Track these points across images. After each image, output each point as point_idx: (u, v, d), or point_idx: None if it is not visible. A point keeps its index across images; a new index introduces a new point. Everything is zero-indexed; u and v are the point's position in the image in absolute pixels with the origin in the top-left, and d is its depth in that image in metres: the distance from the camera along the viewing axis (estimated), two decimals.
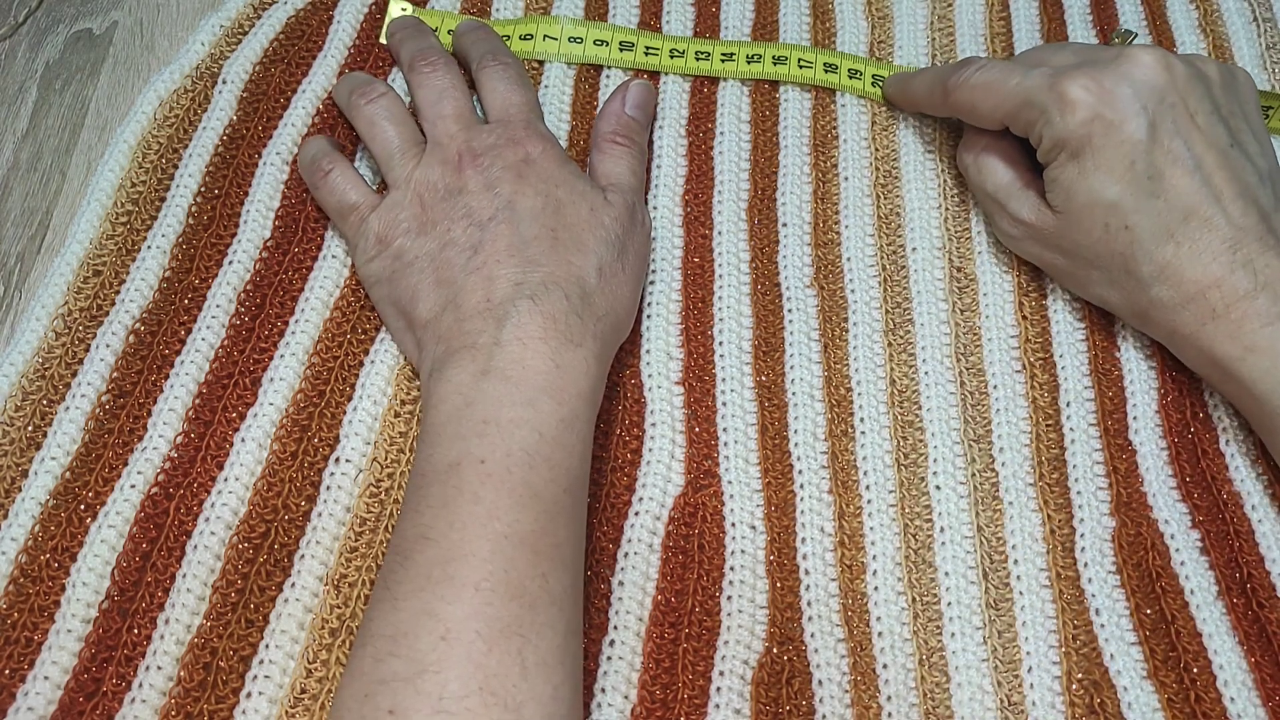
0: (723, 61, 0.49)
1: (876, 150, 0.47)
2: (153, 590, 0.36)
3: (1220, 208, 0.38)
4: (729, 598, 0.37)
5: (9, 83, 0.49)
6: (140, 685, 0.34)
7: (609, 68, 0.49)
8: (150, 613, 0.35)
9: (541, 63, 0.49)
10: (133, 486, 0.37)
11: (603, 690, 0.35)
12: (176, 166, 0.45)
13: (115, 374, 0.40)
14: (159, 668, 0.34)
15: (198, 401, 0.39)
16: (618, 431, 0.40)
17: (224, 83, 0.47)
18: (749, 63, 0.49)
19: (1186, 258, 0.38)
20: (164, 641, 0.35)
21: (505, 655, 0.30)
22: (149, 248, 0.43)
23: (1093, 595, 0.37)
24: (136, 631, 0.35)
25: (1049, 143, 0.40)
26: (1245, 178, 0.39)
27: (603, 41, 0.49)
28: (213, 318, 0.41)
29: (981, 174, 0.43)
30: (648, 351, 0.42)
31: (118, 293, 0.42)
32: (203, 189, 0.44)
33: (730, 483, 0.39)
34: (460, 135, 0.41)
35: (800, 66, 0.48)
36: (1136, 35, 0.45)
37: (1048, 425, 0.41)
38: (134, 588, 0.36)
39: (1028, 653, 0.36)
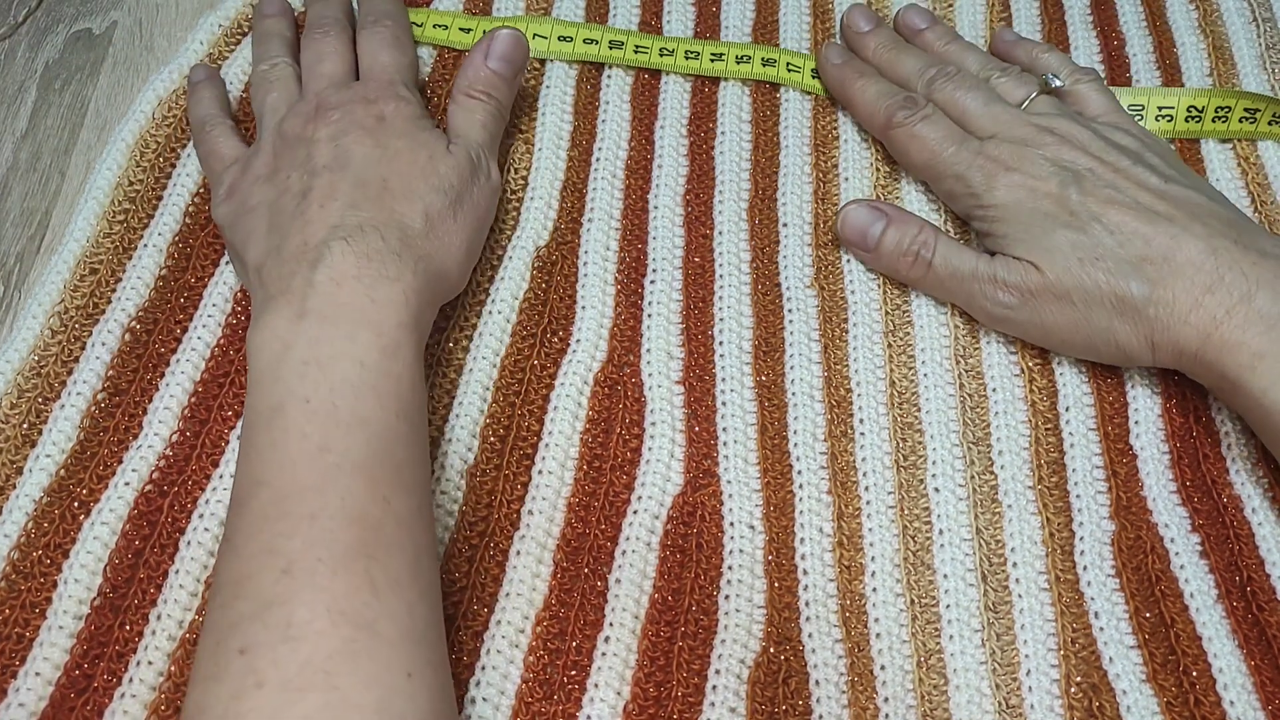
0: (712, 61, 0.49)
1: (877, 150, 0.47)
2: (145, 586, 0.36)
3: (1179, 226, 0.38)
4: (726, 597, 0.36)
5: (9, 83, 0.49)
6: (131, 680, 0.34)
7: (610, 67, 0.49)
8: (142, 609, 0.35)
9: (543, 62, 0.49)
10: (127, 484, 0.37)
11: (595, 685, 0.35)
12: (174, 166, 0.45)
13: (111, 372, 0.40)
14: (150, 663, 0.34)
15: (193, 400, 0.39)
16: (618, 430, 0.40)
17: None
18: (738, 63, 0.49)
19: (1170, 274, 0.37)
20: (155, 637, 0.35)
21: (352, 576, 0.29)
22: (145, 246, 0.43)
23: (1092, 598, 0.37)
24: (128, 628, 0.35)
25: (980, 214, 0.42)
26: (1192, 200, 0.39)
27: (592, 40, 0.49)
28: (209, 316, 0.41)
29: (949, 263, 0.42)
30: (648, 351, 0.42)
31: (114, 291, 0.42)
32: (200, 188, 0.44)
33: (729, 482, 0.39)
34: (324, 92, 0.42)
35: (789, 70, 0.49)
36: (1062, 84, 0.45)
37: (1047, 429, 0.41)
38: (126, 584, 0.36)
39: (1026, 655, 0.36)
